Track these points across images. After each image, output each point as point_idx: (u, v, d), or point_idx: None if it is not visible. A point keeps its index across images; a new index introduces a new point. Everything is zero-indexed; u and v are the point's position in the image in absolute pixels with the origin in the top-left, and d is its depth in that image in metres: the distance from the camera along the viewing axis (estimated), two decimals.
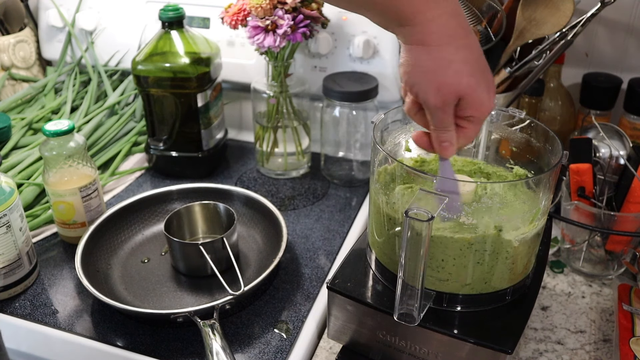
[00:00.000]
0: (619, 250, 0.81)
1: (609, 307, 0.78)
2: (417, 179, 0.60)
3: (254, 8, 0.90)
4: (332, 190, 1.03)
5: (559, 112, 1.04)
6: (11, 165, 0.99)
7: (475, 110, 0.54)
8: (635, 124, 0.97)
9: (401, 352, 0.62)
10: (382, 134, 0.67)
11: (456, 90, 0.52)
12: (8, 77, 1.25)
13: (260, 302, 0.77)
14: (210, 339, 0.66)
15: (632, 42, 1.00)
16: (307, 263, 0.85)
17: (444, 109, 0.54)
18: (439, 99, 0.53)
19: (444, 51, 0.52)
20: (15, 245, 0.76)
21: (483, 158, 0.71)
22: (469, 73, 0.52)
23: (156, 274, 0.82)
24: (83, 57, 1.25)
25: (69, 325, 0.74)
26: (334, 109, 1.00)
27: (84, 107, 1.16)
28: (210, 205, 0.86)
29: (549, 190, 0.58)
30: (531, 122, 0.66)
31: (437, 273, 0.58)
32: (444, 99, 0.53)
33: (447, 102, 0.53)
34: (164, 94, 0.99)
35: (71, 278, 0.82)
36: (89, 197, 0.86)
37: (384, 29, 0.55)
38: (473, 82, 0.52)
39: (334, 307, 0.65)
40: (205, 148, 1.05)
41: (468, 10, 0.84)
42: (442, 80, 0.52)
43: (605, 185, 0.80)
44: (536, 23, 0.82)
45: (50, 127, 0.81)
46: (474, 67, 0.53)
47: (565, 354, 0.71)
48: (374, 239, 0.65)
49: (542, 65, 0.84)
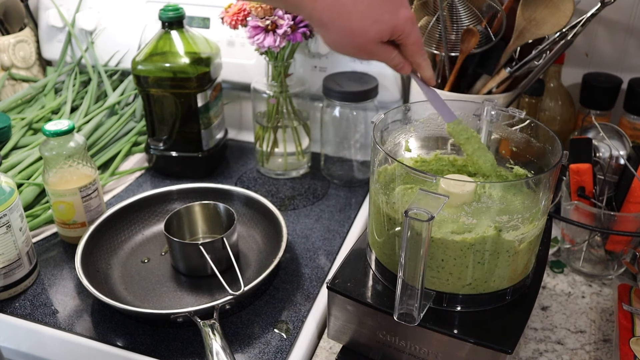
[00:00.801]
0: (619, 250, 0.81)
1: (609, 307, 0.78)
2: (417, 179, 0.60)
3: (254, 8, 0.90)
4: (332, 190, 1.03)
5: (559, 112, 1.04)
6: (11, 165, 0.99)
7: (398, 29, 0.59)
8: (635, 124, 0.97)
9: (401, 352, 0.62)
10: (382, 134, 0.67)
11: (376, 34, 0.57)
12: (8, 77, 1.25)
13: (260, 302, 0.77)
14: (210, 339, 0.66)
15: (632, 42, 1.00)
16: (307, 263, 0.85)
17: (384, 49, 0.59)
18: (366, 49, 0.58)
19: (351, 19, 0.56)
20: (15, 245, 0.76)
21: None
22: (367, 19, 0.56)
23: (156, 274, 0.82)
24: (83, 57, 1.25)
25: (69, 325, 0.74)
26: (334, 109, 1.00)
27: (84, 107, 1.16)
28: (210, 205, 0.86)
29: (549, 190, 0.58)
30: (531, 122, 0.66)
31: (437, 273, 0.58)
32: (369, 49, 0.58)
33: (374, 48, 0.59)
34: (164, 94, 0.99)
35: (71, 278, 0.82)
36: (89, 197, 0.86)
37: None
38: (378, 18, 0.57)
39: (334, 307, 0.65)
40: (205, 148, 1.05)
41: (468, 10, 0.84)
42: (358, 39, 0.57)
43: (605, 185, 0.80)
44: (536, 23, 0.82)
45: (50, 127, 0.81)
46: (365, 12, 0.56)
47: (565, 354, 0.71)
48: (374, 239, 0.65)
49: (542, 65, 0.84)
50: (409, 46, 0.60)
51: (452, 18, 0.85)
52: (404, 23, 0.58)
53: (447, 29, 0.85)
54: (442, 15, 0.83)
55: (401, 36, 0.59)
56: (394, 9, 0.57)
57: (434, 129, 0.71)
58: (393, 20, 0.57)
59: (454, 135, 0.65)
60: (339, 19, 0.56)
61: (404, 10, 0.58)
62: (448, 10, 0.84)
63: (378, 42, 0.59)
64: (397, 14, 0.57)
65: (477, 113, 0.69)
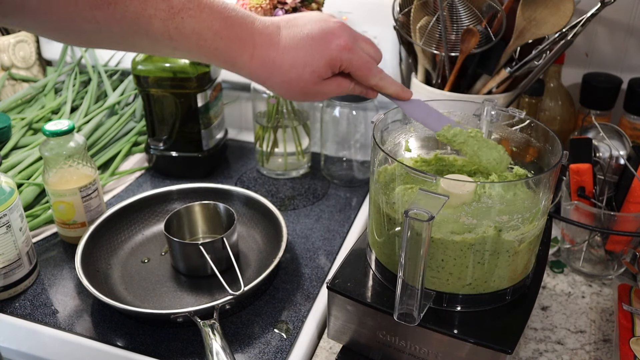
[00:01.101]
0: (619, 250, 0.81)
1: (609, 307, 0.78)
2: (417, 179, 0.60)
3: (254, 8, 0.90)
4: (332, 190, 1.03)
5: (559, 112, 1.04)
6: (11, 165, 0.99)
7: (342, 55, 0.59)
8: (635, 124, 0.97)
9: (401, 352, 0.62)
10: (382, 134, 0.67)
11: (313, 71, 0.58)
12: (8, 77, 1.25)
13: (260, 302, 0.77)
14: (210, 339, 0.66)
15: (632, 42, 1.00)
16: (307, 263, 0.85)
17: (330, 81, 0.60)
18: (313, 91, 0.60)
19: (283, 72, 0.57)
20: (15, 245, 0.76)
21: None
22: (298, 65, 0.57)
23: (156, 274, 0.82)
24: (83, 57, 1.25)
25: (69, 325, 0.74)
26: (334, 109, 1.00)
27: (84, 107, 1.16)
28: (210, 205, 0.86)
29: (549, 190, 0.58)
30: (531, 122, 0.66)
31: (437, 273, 0.58)
32: (314, 91, 0.59)
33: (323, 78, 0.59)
34: (164, 94, 0.99)
35: (71, 278, 0.82)
36: (89, 197, 0.86)
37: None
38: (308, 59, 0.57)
39: (334, 307, 0.65)
40: (205, 148, 1.05)
41: (468, 10, 0.84)
42: (297, 86, 0.58)
43: (605, 185, 0.80)
44: (536, 23, 0.82)
45: (50, 127, 0.81)
46: (295, 58, 0.57)
47: (565, 354, 0.71)
48: (374, 239, 0.65)
49: (542, 65, 0.84)
50: (356, 72, 0.60)
51: (452, 18, 0.85)
52: (338, 54, 0.57)
53: (447, 29, 0.85)
54: (442, 15, 0.83)
55: (342, 66, 0.58)
56: (322, 46, 0.57)
57: None
58: (325, 55, 0.57)
59: (448, 142, 0.64)
60: (273, 74, 0.57)
61: (336, 41, 0.58)
62: (448, 10, 0.84)
63: (320, 81, 0.58)
64: (328, 49, 0.57)
65: (477, 113, 0.69)
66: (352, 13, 1.04)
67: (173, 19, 0.52)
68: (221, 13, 0.54)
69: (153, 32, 0.52)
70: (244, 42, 0.55)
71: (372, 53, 0.61)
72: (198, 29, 0.53)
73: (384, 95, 0.63)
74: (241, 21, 0.56)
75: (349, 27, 0.60)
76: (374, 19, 1.02)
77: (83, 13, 0.49)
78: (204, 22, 0.53)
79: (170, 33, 0.52)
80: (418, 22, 0.87)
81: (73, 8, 0.48)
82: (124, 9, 0.50)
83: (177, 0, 0.52)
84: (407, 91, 0.63)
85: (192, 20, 0.53)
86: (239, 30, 0.55)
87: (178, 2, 0.52)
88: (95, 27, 0.50)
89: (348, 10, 1.04)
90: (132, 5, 0.50)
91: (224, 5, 0.55)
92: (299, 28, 0.57)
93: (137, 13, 0.50)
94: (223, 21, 0.54)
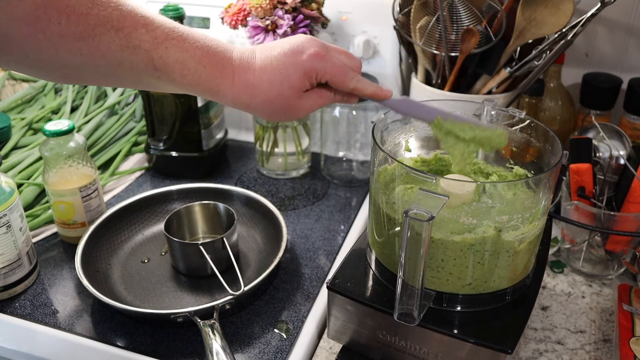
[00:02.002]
0: (619, 250, 0.81)
1: (609, 307, 0.78)
2: (417, 179, 0.60)
3: (254, 8, 0.90)
4: (332, 190, 1.03)
5: (559, 112, 1.04)
6: (11, 165, 0.99)
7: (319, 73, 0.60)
8: (635, 124, 0.97)
9: (401, 352, 0.62)
10: (382, 134, 0.67)
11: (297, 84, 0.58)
12: (8, 77, 1.25)
13: (260, 302, 0.77)
14: (210, 339, 0.66)
15: (632, 42, 1.00)
16: (307, 263, 0.85)
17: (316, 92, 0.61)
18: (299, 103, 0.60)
19: (263, 91, 0.58)
20: (15, 245, 0.76)
21: (483, 158, 0.71)
22: (276, 82, 0.58)
23: (156, 274, 0.82)
24: None
25: (69, 325, 0.74)
26: (334, 109, 1.00)
27: (84, 107, 1.16)
28: (210, 205, 0.86)
29: (549, 190, 0.58)
30: (531, 122, 0.66)
31: (437, 273, 0.58)
32: (297, 106, 0.60)
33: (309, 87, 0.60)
34: (164, 94, 0.99)
35: (71, 278, 0.82)
36: (89, 197, 0.86)
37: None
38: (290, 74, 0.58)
39: (334, 307, 0.65)
40: (205, 148, 1.05)
41: (468, 10, 0.84)
42: (280, 103, 0.59)
43: (605, 185, 0.80)
44: (536, 23, 0.82)
45: (50, 127, 0.81)
46: (271, 76, 0.58)
47: (565, 354, 0.71)
48: (374, 239, 0.65)
49: (542, 65, 0.84)
50: (333, 79, 0.60)
51: (452, 18, 0.85)
52: (311, 64, 0.58)
53: (447, 29, 0.85)
54: (442, 15, 0.83)
55: (318, 75, 0.59)
56: (294, 58, 0.58)
57: None
58: (299, 68, 0.58)
59: (440, 135, 0.64)
60: (254, 96, 0.58)
61: (307, 52, 0.58)
62: (448, 10, 0.85)
63: (301, 95, 0.59)
64: (300, 61, 0.58)
65: (477, 113, 0.69)
66: (352, 13, 1.04)
67: (157, 49, 0.53)
68: (202, 42, 0.56)
69: (137, 64, 0.53)
70: (224, 69, 0.57)
71: (346, 61, 0.61)
72: (182, 58, 0.54)
73: (365, 97, 0.63)
74: (221, 49, 0.57)
75: (319, 40, 0.61)
76: (374, 19, 1.02)
77: (68, 45, 0.49)
78: (187, 52, 0.54)
79: (154, 63, 0.53)
80: (418, 22, 0.87)
81: (57, 40, 0.48)
82: (109, 41, 0.50)
83: (160, 31, 0.53)
84: (385, 90, 0.64)
85: (175, 50, 0.54)
86: (220, 58, 0.56)
87: (161, 33, 0.53)
88: (79, 60, 0.50)
89: (348, 10, 1.04)
90: (117, 37, 0.50)
91: (203, 35, 0.57)
92: (271, 49, 0.59)
93: (121, 45, 0.51)
94: (205, 50, 0.56)
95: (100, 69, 0.52)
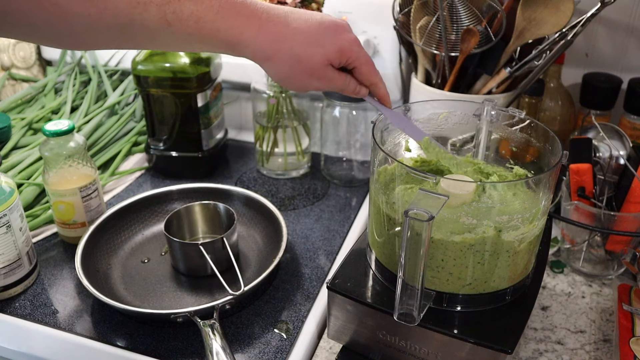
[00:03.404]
0: (619, 250, 0.81)
1: (609, 307, 0.78)
2: (417, 179, 0.60)
3: None
4: (332, 190, 1.03)
5: (559, 112, 1.04)
6: (11, 165, 0.99)
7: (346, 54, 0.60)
8: (635, 124, 0.97)
9: (401, 352, 0.62)
10: (382, 134, 0.67)
11: (320, 61, 0.58)
12: (8, 77, 1.25)
13: (260, 302, 0.77)
14: (210, 339, 0.66)
15: (632, 42, 1.00)
16: (307, 263, 0.85)
17: (331, 77, 0.60)
18: (312, 80, 0.59)
19: (293, 47, 0.56)
20: (15, 245, 0.76)
21: (483, 158, 0.71)
22: (310, 44, 0.57)
23: (156, 274, 0.82)
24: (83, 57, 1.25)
25: (69, 325, 0.74)
26: (334, 109, 1.00)
27: (84, 107, 1.16)
28: (210, 205, 0.86)
29: (549, 190, 0.58)
30: (531, 122, 0.66)
31: (437, 273, 0.58)
32: (320, 73, 0.59)
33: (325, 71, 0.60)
34: (164, 94, 0.99)
35: (71, 278, 0.82)
36: (89, 197, 0.86)
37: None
38: (313, 47, 0.57)
39: (334, 307, 0.65)
40: (205, 148, 1.05)
41: (468, 10, 0.84)
42: (306, 64, 0.58)
43: (605, 185, 0.80)
44: (536, 23, 0.82)
45: (50, 127, 0.81)
46: (307, 38, 0.57)
47: (565, 354, 0.71)
48: (374, 239, 0.65)
49: (542, 65, 0.84)
50: (361, 67, 0.60)
51: (452, 18, 0.85)
52: (349, 45, 0.58)
53: (447, 29, 0.85)
54: (442, 15, 0.83)
55: (350, 58, 0.59)
56: (336, 33, 0.58)
57: (434, 129, 0.71)
58: (338, 42, 0.58)
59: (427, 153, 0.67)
60: (281, 50, 0.56)
61: (346, 34, 0.59)
62: (448, 10, 0.85)
63: (328, 66, 0.59)
64: (340, 37, 0.58)
65: (477, 113, 0.69)
66: (352, 13, 1.04)
67: (170, 4, 0.51)
68: None
69: (149, 20, 0.51)
70: (248, 19, 0.55)
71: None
72: (197, 11, 0.52)
73: (377, 95, 0.65)
74: (242, 0, 0.55)
75: None
76: (374, 19, 1.02)
77: (75, 8, 0.47)
78: (203, 4, 0.52)
79: (167, 18, 0.51)
80: (418, 22, 0.87)
81: (63, 3, 0.47)
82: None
83: None
84: (389, 98, 0.66)
85: (189, 3, 0.51)
86: (241, 9, 0.54)
87: None
88: (88, 22, 0.49)
89: (348, 10, 1.04)
90: None
91: None
92: (308, 15, 0.58)
93: (130, 3, 0.49)
94: (223, 1, 0.53)
95: (111, 31, 0.50)
